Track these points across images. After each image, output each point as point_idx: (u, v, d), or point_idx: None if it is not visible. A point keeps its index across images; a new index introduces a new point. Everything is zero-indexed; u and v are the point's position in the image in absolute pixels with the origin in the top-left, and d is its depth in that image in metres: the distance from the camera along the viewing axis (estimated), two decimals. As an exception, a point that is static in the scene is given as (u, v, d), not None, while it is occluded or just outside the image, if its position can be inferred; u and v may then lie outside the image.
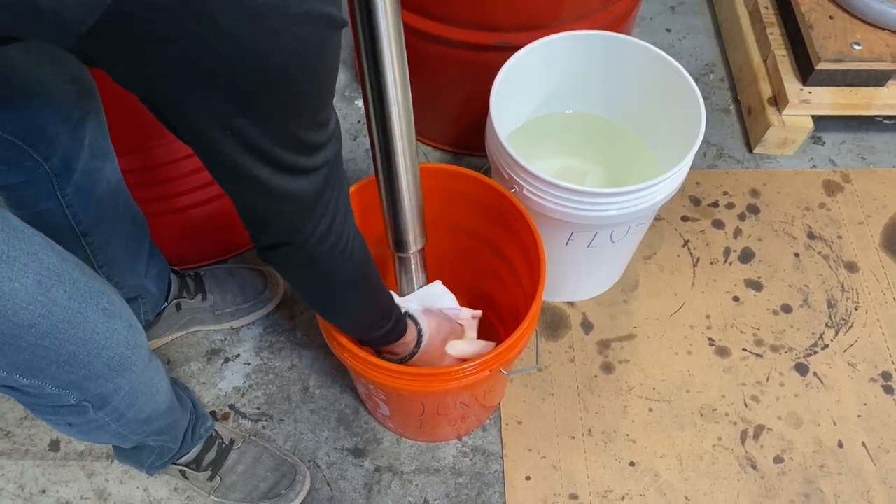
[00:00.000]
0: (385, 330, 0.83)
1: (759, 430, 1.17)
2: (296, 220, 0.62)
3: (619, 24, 1.30)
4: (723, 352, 1.24)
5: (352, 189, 0.97)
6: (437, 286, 0.98)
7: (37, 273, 0.62)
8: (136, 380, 0.77)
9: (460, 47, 1.21)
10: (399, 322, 0.84)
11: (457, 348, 0.95)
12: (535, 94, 1.19)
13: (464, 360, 0.93)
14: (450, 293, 0.98)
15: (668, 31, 1.67)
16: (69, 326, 0.65)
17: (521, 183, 1.00)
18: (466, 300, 1.25)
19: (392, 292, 0.89)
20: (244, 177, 0.55)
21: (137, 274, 1.03)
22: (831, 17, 1.39)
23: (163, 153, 1.08)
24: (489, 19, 1.18)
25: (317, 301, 0.77)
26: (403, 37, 0.72)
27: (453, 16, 1.18)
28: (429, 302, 0.96)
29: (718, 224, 1.38)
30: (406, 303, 0.95)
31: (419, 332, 0.89)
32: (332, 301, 0.76)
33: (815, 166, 1.46)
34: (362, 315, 0.80)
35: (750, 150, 1.48)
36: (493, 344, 0.99)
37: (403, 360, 0.89)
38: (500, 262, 1.09)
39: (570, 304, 1.28)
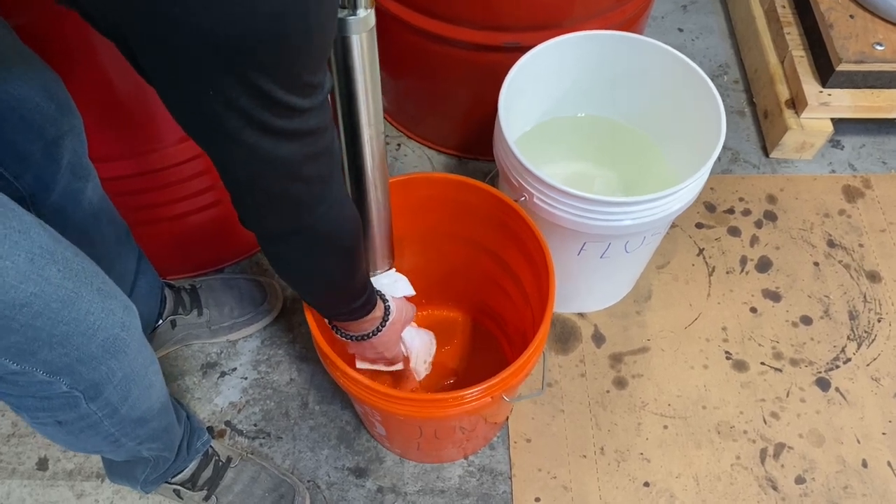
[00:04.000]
0: (360, 303, 0.78)
1: (780, 448, 1.11)
2: (283, 182, 0.57)
3: (631, 23, 1.25)
4: (740, 366, 1.19)
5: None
6: (390, 275, 0.92)
7: (28, 251, 0.59)
8: (129, 364, 0.73)
9: (468, 48, 1.16)
10: (371, 295, 0.80)
11: (408, 334, 0.93)
12: (546, 96, 1.14)
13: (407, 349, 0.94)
14: (403, 278, 0.93)
15: (680, 30, 1.62)
16: (62, 306, 0.62)
17: (532, 191, 0.95)
18: (471, 315, 1.20)
19: None
20: (228, 138, 0.51)
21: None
22: (852, 17, 1.33)
23: (156, 159, 1.03)
24: (498, 19, 1.13)
25: (300, 270, 0.71)
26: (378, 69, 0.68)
27: (461, 16, 1.13)
28: (388, 291, 0.91)
29: (734, 231, 1.33)
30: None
31: (386, 308, 0.85)
32: (317, 269, 0.70)
33: (834, 171, 1.41)
34: (343, 286, 0.75)
35: (766, 154, 1.43)
36: (431, 334, 0.99)
37: (364, 338, 0.84)
38: (507, 278, 1.04)
39: (581, 315, 1.23)
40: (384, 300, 0.85)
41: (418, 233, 1.03)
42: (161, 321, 1.11)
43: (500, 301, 1.10)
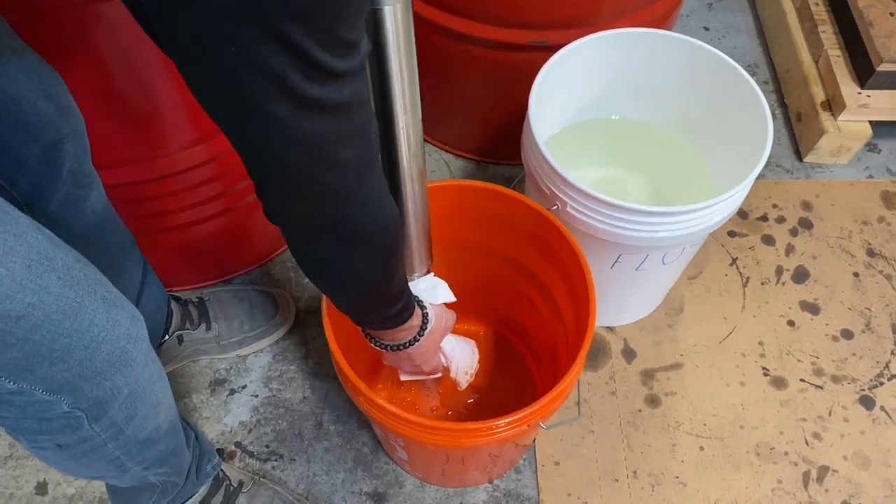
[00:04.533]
0: (397, 309, 0.72)
1: (823, 471, 1.05)
2: (315, 166, 0.50)
3: (661, 21, 1.19)
4: (779, 382, 1.12)
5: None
6: (427, 280, 0.85)
7: (25, 257, 0.53)
8: (135, 380, 0.67)
9: (491, 47, 1.10)
10: (409, 301, 0.73)
11: (448, 343, 0.87)
12: (577, 97, 1.08)
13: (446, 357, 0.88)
14: (442, 283, 0.85)
15: (706, 29, 1.56)
16: (63, 318, 0.57)
17: (565, 199, 0.89)
18: (494, 329, 1.14)
19: None
20: (253, 111, 0.44)
21: None
22: (892, 14, 1.27)
23: (164, 165, 0.97)
24: (523, 16, 1.07)
25: (332, 270, 0.63)
26: (414, 48, 0.61)
27: (484, 12, 1.07)
28: (427, 297, 0.84)
29: (768, 240, 1.27)
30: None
31: (425, 316, 0.78)
32: (351, 270, 0.63)
33: (871, 176, 1.35)
34: (379, 290, 0.68)
35: (800, 158, 1.36)
36: (473, 343, 0.92)
37: (400, 348, 0.77)
38: (535, 291, 0.97)
39: (610, 329, 1.16)
40: (422, 307, 0.78)
41: (439, 243, 0.96)
42: (167, 336, 1.05)
43: (527, 315, 1.03)
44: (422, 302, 0.79)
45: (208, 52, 0.41)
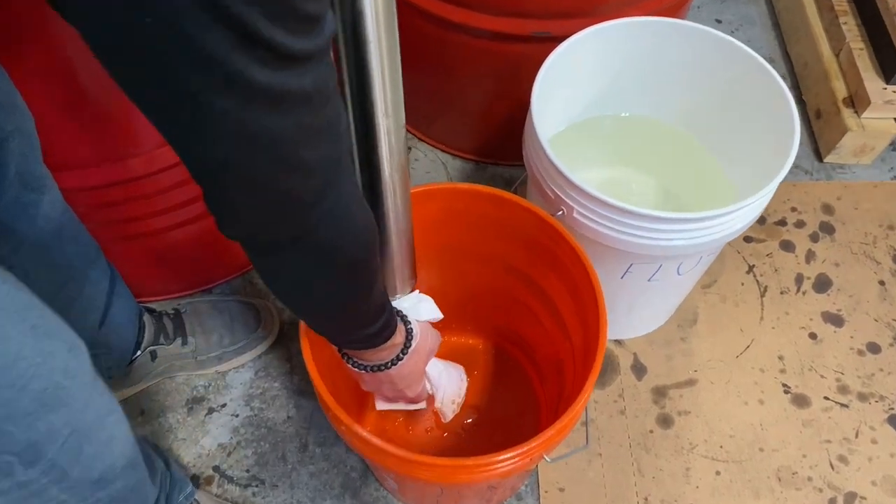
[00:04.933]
0: (376, 328, 0.64)
1: (851, 498, 0.97)
2: (272, 171, 0.41)
3: (672, 11, 1.11)
4: (801, 401, 1.04)
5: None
6: (411, 297, 0.78)
7: None
8: (77, 418, 0.58)
9: (490, 38, 1.02)
10: (391, 318, 0.66)
11: (434, 368, 0.80)
12: (583, 92, 1.00)
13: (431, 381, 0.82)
14: (427, 299, 0.78)
15: (719, 21, 1.47)
16: None
17: (571, 204, 0.81)
18: (493, 342, 1.06)
19: None
20: (189, 105, 0.35)
21: (92, 325, 0.84)
22: (920, 4, 1.19)
23: (138, 165, 0.89)
24: (524, 5, 0.99)
25: (300, 289, 0.56)
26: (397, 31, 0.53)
27: (482, 0, 0.99)
28: (410, 315, 0.76)
29: (787, 246, 1.18)
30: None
31: (409, 332, 0.70)
32: (322, 289, 0.55)
33: (896, 177, 1.27)
34: (355, 309, 0.61)
35: (819, 158, 1.28)
36: (461, 369, 0.87)
37: (382, 368, 0.69)
38: (539, 303, 0.89)
39: (619, 342, 1.08)
40: (406, 322, 0.71)
41: (434, 251, 0.88)
42: (139, 352, 0.97)
43: (530, 327, 0.95)
44: (406, 317, 0.71)
45: (123, 27, 0.32)
